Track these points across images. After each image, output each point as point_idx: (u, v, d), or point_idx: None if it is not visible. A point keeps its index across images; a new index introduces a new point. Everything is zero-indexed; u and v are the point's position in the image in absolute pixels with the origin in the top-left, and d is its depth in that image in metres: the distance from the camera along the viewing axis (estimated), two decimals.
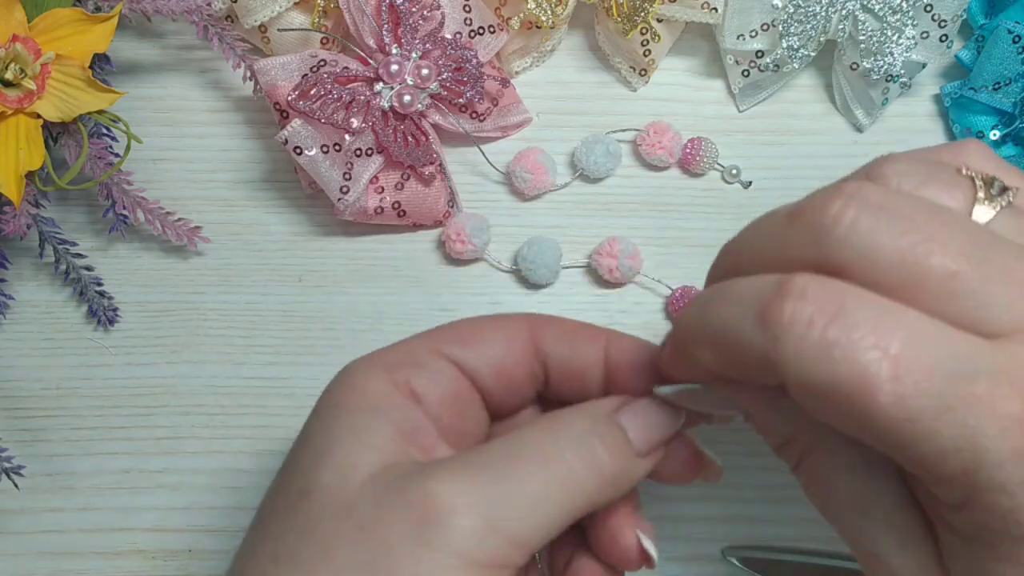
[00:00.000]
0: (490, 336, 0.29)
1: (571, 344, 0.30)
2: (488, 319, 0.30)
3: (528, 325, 0.30)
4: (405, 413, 0.27)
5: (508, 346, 0.29)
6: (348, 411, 0.26)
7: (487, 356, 0.29)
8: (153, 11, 0.42)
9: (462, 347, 0.29)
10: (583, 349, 0.30)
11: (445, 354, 0.29)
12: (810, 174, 0.45)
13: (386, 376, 0.27)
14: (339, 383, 0.28)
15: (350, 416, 0.26)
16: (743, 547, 0.41)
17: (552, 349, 0.30)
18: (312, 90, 0.40)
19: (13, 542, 0.42)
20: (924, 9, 0.42)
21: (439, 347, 0.29)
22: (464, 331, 0.29)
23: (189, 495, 0.42)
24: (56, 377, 0.43)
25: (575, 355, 0.30)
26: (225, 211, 0.45)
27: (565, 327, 0.30)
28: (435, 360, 0.28)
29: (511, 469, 0.25)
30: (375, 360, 0.28)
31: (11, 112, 0.39)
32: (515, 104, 0.45)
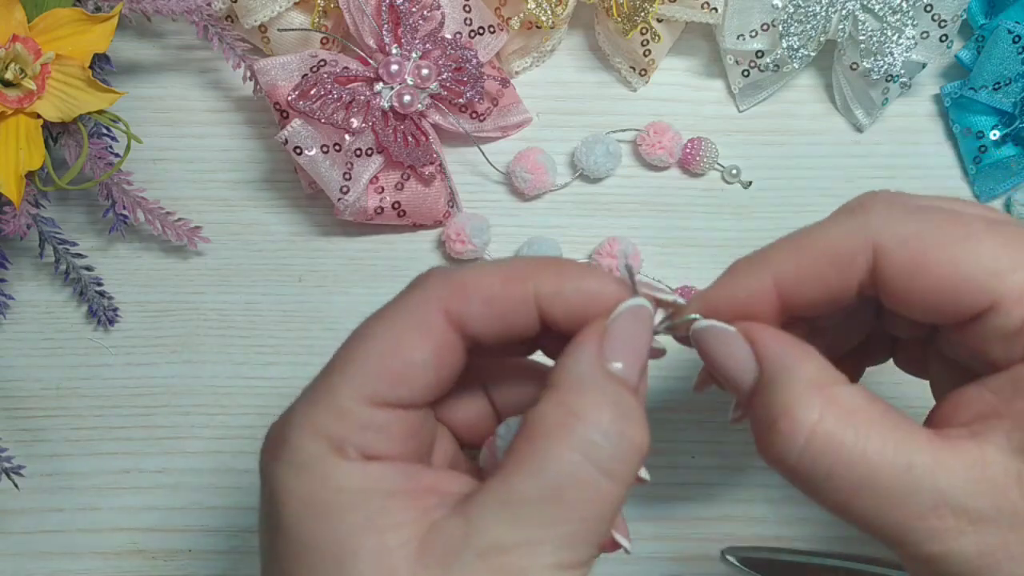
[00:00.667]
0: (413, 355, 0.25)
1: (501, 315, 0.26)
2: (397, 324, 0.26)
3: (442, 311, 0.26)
4: (388, 477, 0.25)
5: (436, 359, 0.26)
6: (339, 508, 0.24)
7: (420, 381, 0.26)
8: (153, 11, 0.42)
9: (390, 385, 0.25)
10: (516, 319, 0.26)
11: (378, 401, 0.25)
12: (810, 174, 0.45)
13: (335, 450, 0.25)
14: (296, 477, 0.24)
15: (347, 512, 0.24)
16: (743, 547, 0.41)
17: (479, 328, 0.26)
18: (312, 90, 0.40)
19: (13, 542, 0.42)
20: (924, 9, 0.42)
21: (367, 394, 0.25)
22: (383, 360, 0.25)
23: (189, 495, 0.42)
24: (56, 377, 0.43)
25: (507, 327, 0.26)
26: (225, 211, 0.45)
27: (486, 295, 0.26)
28: (371, 414, 0.25)
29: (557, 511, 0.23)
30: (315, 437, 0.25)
31: (11, 112, 0.39)
32: (515, 104, 0.45)
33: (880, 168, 0.45)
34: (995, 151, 0.44)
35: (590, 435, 0.24)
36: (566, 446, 0.24)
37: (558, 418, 0.24)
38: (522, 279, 0.26)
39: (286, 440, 0.25)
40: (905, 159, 0.46)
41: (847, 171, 0.46)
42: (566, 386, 0.25)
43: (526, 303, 0.26)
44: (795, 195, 0.45)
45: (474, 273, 0.26)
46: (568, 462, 0.23)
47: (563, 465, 0.23)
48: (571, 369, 0.25)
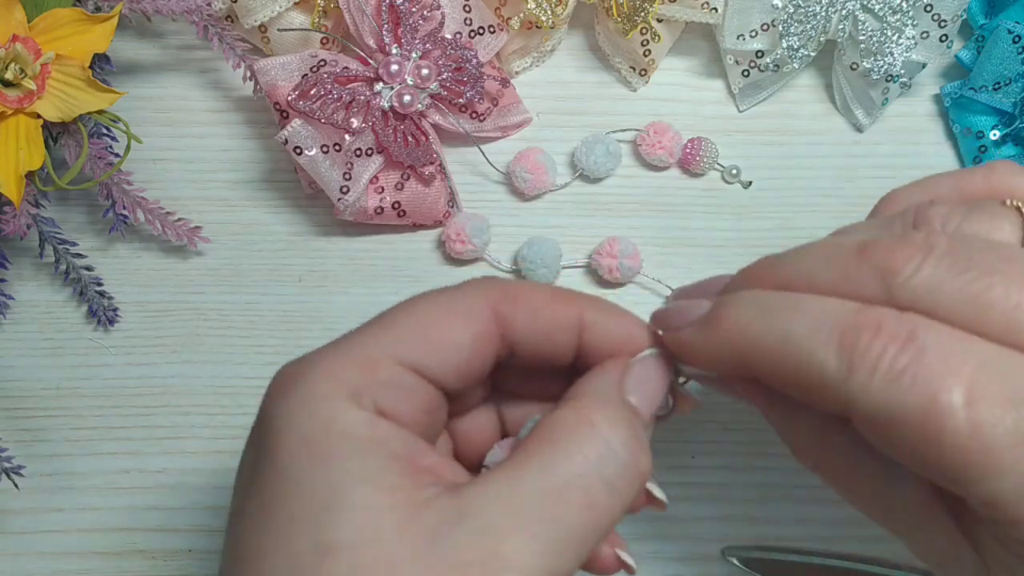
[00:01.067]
0: (453, 334, 0.26)
1: (544, 330, 0.27)
2: (444, 305, 0.26)
3: (491, 307, 0.26)
4: (395, 439, 0.24)
5: (473, 344, 0.26)
6: (339, 452, 0.23)
7: (453, 362, 0.26)
8: (153, 11, 0.42)
9: (428, 357, 0.25)
10: (555, 335, 0.27)
11: (408, 364, 0.25)
12: (810, 174, 0.45)
13: (351, 399, 0.24)
14: (301, 415, 0.24)
15: (345, 458, 0.23)
16: (743, 547, 0.41)
17: (521, 335, 0.27)
18: (312, 90, 0.40)
19: (13, 542, 0.42)
20: (924, 9, 0.42)
21: (399, 355, 0.25)
22: (424, 330, 0.26)
23: (189, 495, 0.42)
24: (56, 377, 0.43)
25: (547, 340, 0.27)
26: (225, 211, 0.45)
27: (535, 309, 0.27)
28: (399, 373, 0.25)
29: (556, 509, 0.23)
30: (332, 380, 0.24)
31: (11, 112, 0.39)
32: (515, 104, 0.45)
33: (880, 168, 0.45)
34: (995, 151, 0.44)
35: (603, 446, 0.24)
36: (578, 450, 0.24)
37: (575, 423, 0.25)
38: (570, 301, 0.27)
39: (299, 379, 0.25)
40: (905, 159, 0.46)
41: (847, 171, 0.46)
42: (587, 399, 0.26)
43: (569, 324, 0.27)
44: (795, 195, 0.45)
45: (525, 284, 0.27)
46: (578, 465, 0.24)
47: (573, 467, 0.24)
48: (593, 386, 0.26)
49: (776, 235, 0.45)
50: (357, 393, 0.24)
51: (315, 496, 0.23)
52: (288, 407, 0.24)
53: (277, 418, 0.24)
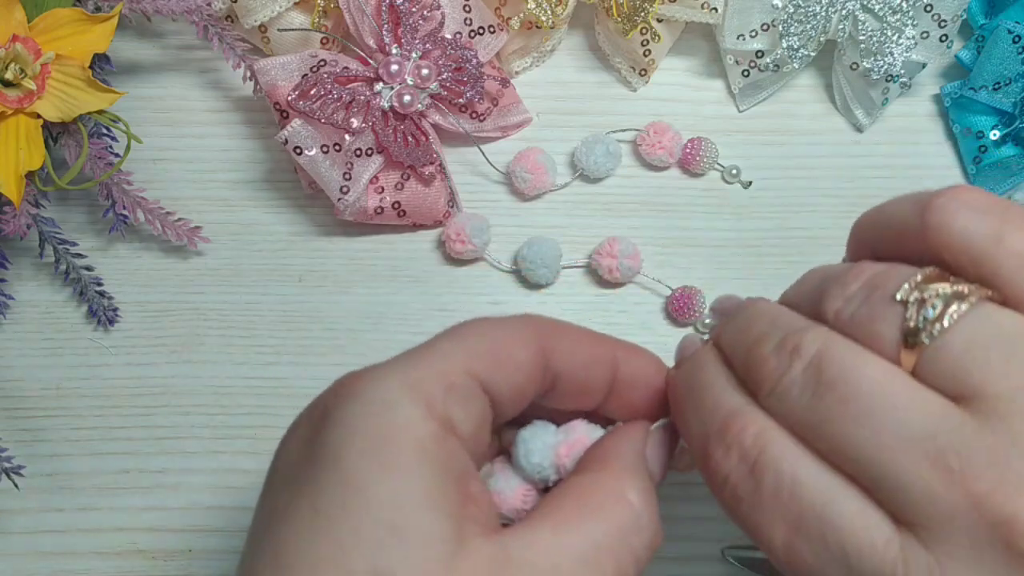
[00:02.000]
0: (518, 354, 0.26)
1: (583, 364, 0.28)
2: (504, 328, 0.27)
3: (538, 339, 0.27)
4: (458, 458, 0.24)
5: (532, 366, 0.27)
6: (408, 464, 0.23)
7: (514, 381, 0.26)
8: (153, 11, 0.42)
9: (496, 371, 0.26)
10: (594, 369, 0.28)
11: (480, 378, 0.26)
12: (810, 174, 0.45)
13: (426, 407, 0.24)
14: (374, 415, 0.23)
15: (414, 472, 0.23)
16: (743, 547, 0.41)
17: (563, 368, 0.28)
18: (312, 90, 0.40)
19: (13, 542, 0.42)
20: (924, 9, 0.42)
21: (474, 368, 0.25)
22: (495, 349, 0.26)
23: (189, 495, 0.42)
24: (56, 377, 0.43)
25: (586, 375, 0.28)
26: (225, 211, 0.45)
27: (577, 343, 0.28)
28: (471, 386, 0.25)
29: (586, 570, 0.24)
30: (406, 380, 0.24)
31: (11, 112, 0.39)
32: (515, 104, 0.45)
33: (880, 168, 0.45)
34: (995, 151, 0.44)
35: (635, 519, 0.26)
36: (614, 519, 0.25)
37: (612, 492, 0.26)
38: (605, 340, 0.29)
39: (373, 380, 0.24)
40: (905, 159, 0.46)
41: (847, 171, 0.46)
42: (619, 467, 0.27)
43: (606, 359, 0.29)
44: (795, 195, 0.45)
45: (567, 322, 0.29)
46: (614, 534, 0.25)
47: (609, 536, 0.25)
48: (623, 452, 0.28)
49: (776, 235, 0.45)
50: (432, 400, 0.24)
51: (381, 513, 0.22)
52: (360, 407, 0.24)
53: (346, 417, 0.24)
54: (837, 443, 0.23)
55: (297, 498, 0.23)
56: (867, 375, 0.23)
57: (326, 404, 0.25)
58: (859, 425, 0.22)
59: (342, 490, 0.22)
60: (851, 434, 0.23)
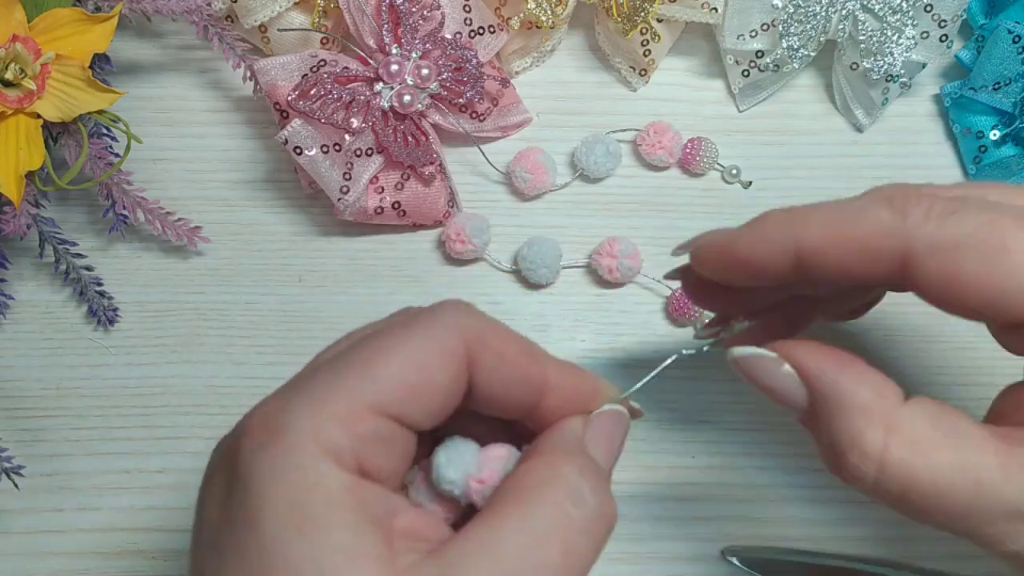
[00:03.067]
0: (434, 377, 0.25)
1: (505, 383, 0.26)
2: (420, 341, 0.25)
3: (462, 350, 0.26)
4: (376, 501, 0.24)
5: (451, 385, 0.25)
6: (325, 522, 0.22)
7: (432, 404, 0.25)
8: (153, 11, 0.42)
9: (411, 402, 0.25)
10: (517, 389, 0.27)
11: (389, 413, 0.24)
12: (810, 174, 0.45)
13: (335, 460, 0.23)
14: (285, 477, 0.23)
15: (332, 529, 0.22)
16: (743, 547, 0.41)
17: (482, 382, 0.26)
18: (312, 90, 0.40)
19: (13, 542, 0.42)
20: (924, 9, 0.42)
21: (379, 404, 0.24)
22: (403, 372, 0.24)
23: (189, 495, 0.42)
24: (56, 377, 0.43)
25: (506, 394, 0.27)
26: (225, 211, 0.45)
27: (503, 353, 0.26)
28: (380, 425, 0.24)
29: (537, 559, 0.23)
30: (311, 438, 0.23)
31: (11, 112, 0.39)
32: (515, 104, 0.45)
33: (880, 168, 0.45)
34: (995, 151, 0.44)
35: (575, 494, 0.25)
36: (552, 500, 0.24)
37: (546, 475, 0.25)
38: (539, 359, 0.27)
39: (282, 432, 0.23)
40: (905, 159, 0.46)
41: (847, 171, 0.46)
42: (554, 452, 0.26)
43: (533, 381, 0.27)
44: (795, 195, 0.45)
45: (499, 328, 0.27)
46: (553, 514, 0.24)
47: (548, 517, 0.24)
48: (558, 440, 0.27)
49: None
50: (340, 452, 0.23)
51: (307, 573, 0.22)
52: (270, 468, 0.23)
53: (258, 480, 0.23)
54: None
55: (223, 564, 0.23)
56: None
57: (239, 453, 0.24)
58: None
59: (265, 557, 0.22)
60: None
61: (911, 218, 0.25)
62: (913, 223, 0.25)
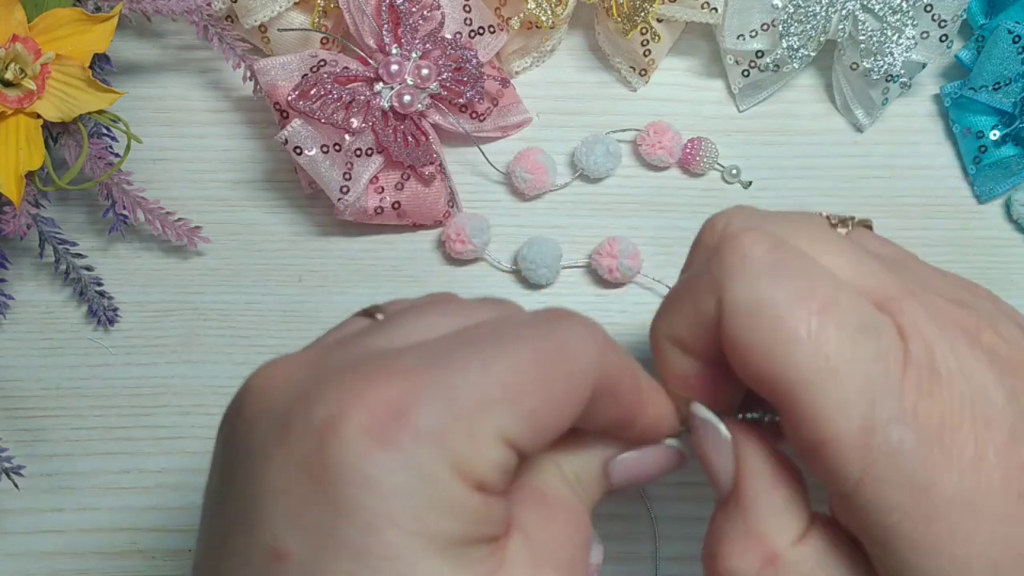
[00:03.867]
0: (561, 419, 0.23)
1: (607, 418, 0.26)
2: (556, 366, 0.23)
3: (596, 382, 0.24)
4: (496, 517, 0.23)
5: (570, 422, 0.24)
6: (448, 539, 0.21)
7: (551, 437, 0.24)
8: (153, 11, 0.42)
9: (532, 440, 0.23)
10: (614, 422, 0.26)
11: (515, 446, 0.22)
12: (810, 174, 0.45)
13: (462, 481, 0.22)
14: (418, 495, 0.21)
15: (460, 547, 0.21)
16: None
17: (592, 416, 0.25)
18: (312, 90, 0.40)
19: (13, 542, 0.42)
20: (924, 9, 0.42)
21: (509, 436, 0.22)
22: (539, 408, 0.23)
23: (189, 495, 0.42)
24: (56, 377, 0.43)
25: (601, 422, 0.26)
26: (225, 211, 0.45)
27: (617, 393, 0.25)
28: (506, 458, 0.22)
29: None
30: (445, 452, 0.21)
31: (11, 112, 0.39)
32: (515, 104, 0.45)
33: (880, 168, 0.45)
34: (995, 151, 0.44)
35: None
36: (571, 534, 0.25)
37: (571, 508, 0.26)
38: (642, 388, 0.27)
39: (415, 435, 0.21)
40: (905, 159, 0.46)
41: (847, 171, 0.46)
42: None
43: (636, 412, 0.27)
44: (795, 195, 0.45)
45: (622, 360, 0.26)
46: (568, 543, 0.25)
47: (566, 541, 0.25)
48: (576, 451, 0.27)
49: None
50: (465, 471, 0.21)
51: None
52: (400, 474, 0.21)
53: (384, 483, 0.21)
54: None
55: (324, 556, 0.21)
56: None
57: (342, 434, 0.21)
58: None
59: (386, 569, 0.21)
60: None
61: (725, 263, 0.26)
62: (727, 269, 0.26)
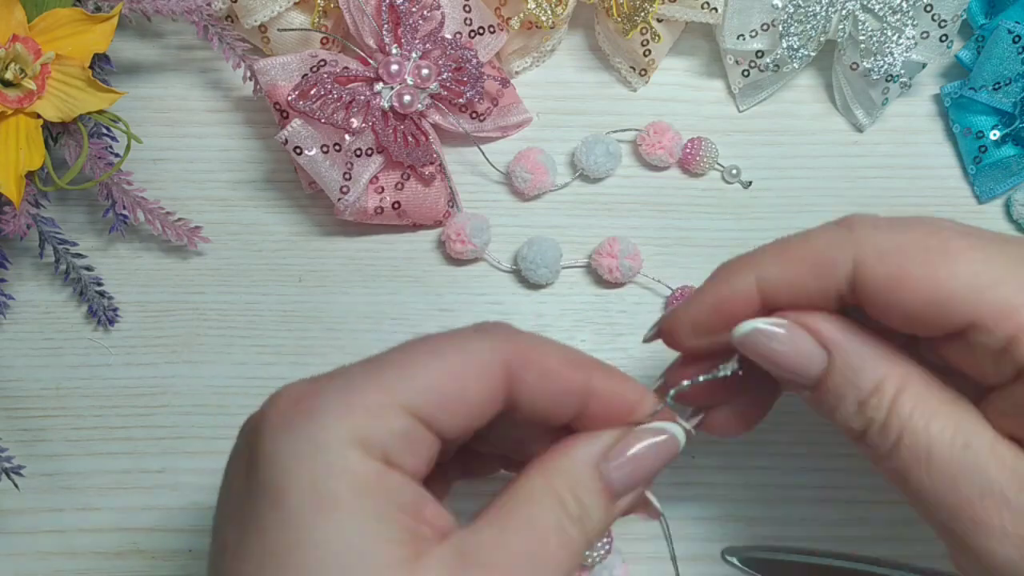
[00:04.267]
0: (466, 392, 0.26)
1: (551, 395, 0.27)
2: (457, 356, 0.26)
3: (500, 370, 0.26)
4: (402, 490, 0.25)
5: (483, 403, 0.26)
6: (351, 504, 0.23)
7: (461, 416, 0.26)
8: (153, 11, 0.42)
9: (440, 409, 0.25)
10: (562, 399, 0.28)
11: (418, 415, 0.25)
12: (810, 174, 0.45)
13: (362, 450, 0.24)
14: (311, 459, 0.23)
15: (357, 510, 0.23)
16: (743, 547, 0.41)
17: (526, 399, 0.27)
18: (312, 90, 0.40)
19: (13, 542, 0.42)
20: (924, 9, 0.42)
21: (410, 404, 0.25)
22: (436, 382, 0.25)
23: (189, 495, 0.42)
24: (56, 377, 0.43)
25: (551, 405, 0.27)
26: (225, 211, 0.45)
27: (546, 375, 0.27)
28: (408, 424, 0.25)
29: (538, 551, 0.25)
30: (343, 425, 0.24)
31: (11, 112, 0.39)
32: (515, 104, 0.45)
33: (880, 168, 0.45)
34: (995, 151, 0.44)
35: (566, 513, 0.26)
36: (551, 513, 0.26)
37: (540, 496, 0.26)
38: (581, 366, 0.28)
39: (307, 416, 0.24)
40: (905, 159, 0.46)
41: (847, 171, 0.46)
42: (555, 473, 0.27)
43: (577, 389, 0.27)
44: (795, 195, 0.45)
45: (539, 343, 0.27)
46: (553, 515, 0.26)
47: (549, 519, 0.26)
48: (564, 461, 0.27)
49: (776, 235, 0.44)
50: (367, 441, 0.24)
51: (329, 550, 0.23)
52: (296, 447, 0.24)
53: (284, 457, 0.24)
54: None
55: (246, 536, 0.24)
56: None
57: (262, 434, 0.25)
58: None
59: (291, 534, 0.23)
60: None
61: (858, 229, 0.27)
62: (860, 233, 0.26)
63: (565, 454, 0.27)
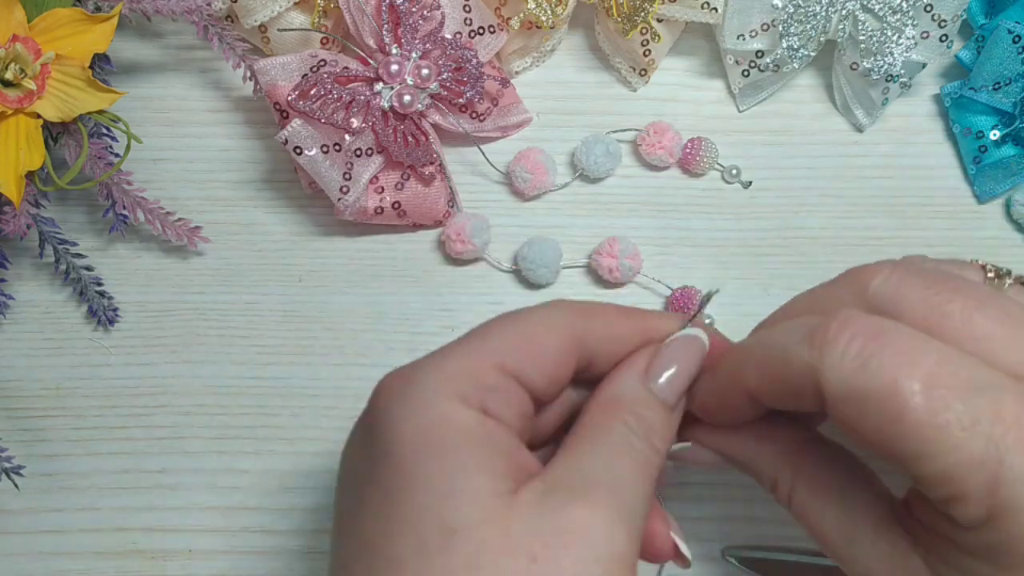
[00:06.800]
0: (547, 347, 0.29)
1: (617, 342, 0.31)
2: (533, 320, 0.30)
3: (570, 325, 0.30)
4: (500, 436, 0.27)
5: (560, 352, 0.29)
6: (455, 445, 0.26)
7: (546, 370, 0.29)
8: (153, 11, 0.42)
9: (525, 363, 0.29)
10: (627, 344, 0.31)
11: (511, 372, 0.28)
12: (810, 174, 0.45)
13: (461, 401, 0.27)
14: (418, 413, 0.27)
15: (461, 450, 0.26)
16: (743, 547, 0.41)
17: (598, 349, 0.30)
18: (312, 90, 0.40)
19: (13, 542, 0.42)
20: (924, 9, 0.42)
21: (503, 363, 0.28)
22: (522, 343, 0.29)
23: (189, 495, 0.42)
24: (56, 377, 0.43)
25: (621, 351, 0.31)
26: (225, 211, 0.45)
27: (608, 324, 0.31)
28: (503, 381, 0.28)
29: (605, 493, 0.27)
30: (443, 384, 0.27)
31: (11, 112, 0.39)
32: (515, 104, 0.45)
33: (880, 168, 0.45)
34: (995, 151, 0.44)
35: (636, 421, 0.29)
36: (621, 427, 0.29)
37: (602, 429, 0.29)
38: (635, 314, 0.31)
39: (412, 382, 0.27)
40: (905, 159, 0.46)
41: (847, 171, 0.46)
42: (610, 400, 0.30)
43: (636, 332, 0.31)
44: (795, 195, 0.45)
45: (599, 303, 0.31)
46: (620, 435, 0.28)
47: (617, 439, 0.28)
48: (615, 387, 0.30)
49: (776, 235, 0.45)
50: (466, 395, 0.27)
51: (437, 485, 0.25)
52: (405, 407, 0.27)
53: (394, 417, 0.27)
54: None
55: (364, 491, 0.27)
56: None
57: (375, 407, 0.28)
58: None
59: (403, 478, 0.26)
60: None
61: (826, 360, 0.25)
62: (828, 365, 0.25)
63: (613, 381, 0.30)
